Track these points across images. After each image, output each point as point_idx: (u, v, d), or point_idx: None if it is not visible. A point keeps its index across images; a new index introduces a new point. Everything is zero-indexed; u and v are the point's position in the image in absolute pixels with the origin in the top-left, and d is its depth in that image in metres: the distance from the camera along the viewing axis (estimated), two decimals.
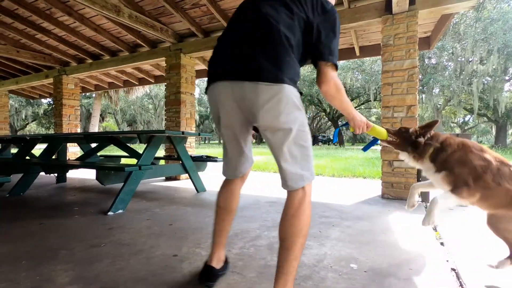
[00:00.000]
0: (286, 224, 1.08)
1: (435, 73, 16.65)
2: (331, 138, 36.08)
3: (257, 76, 1.03)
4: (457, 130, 31.14)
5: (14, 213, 2.60)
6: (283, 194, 3.41)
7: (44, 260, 1.56)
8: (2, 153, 4.47)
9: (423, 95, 17.50)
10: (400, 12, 3.22)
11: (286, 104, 1.04)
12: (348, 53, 5.02)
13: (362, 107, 30.72)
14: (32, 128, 34.15)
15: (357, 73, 22.12)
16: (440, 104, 19.09)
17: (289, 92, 1.05)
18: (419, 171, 3.13)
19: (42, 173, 3.82)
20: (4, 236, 1.96)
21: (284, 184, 1.12)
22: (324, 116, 35.11)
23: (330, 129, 42.23)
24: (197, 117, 31.71)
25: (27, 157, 4.11)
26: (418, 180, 3.13)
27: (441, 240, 1.90)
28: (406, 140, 1.45)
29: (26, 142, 3.91)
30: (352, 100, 26.80)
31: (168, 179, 4.80)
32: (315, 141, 32.76)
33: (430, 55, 16.55)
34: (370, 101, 23.91)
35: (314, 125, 39.02)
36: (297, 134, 1.07)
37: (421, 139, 1.41)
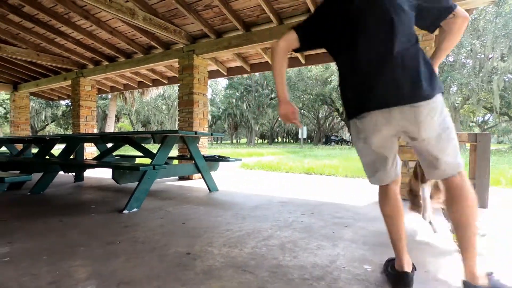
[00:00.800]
0: (459, 208, 1.13)
1: (452, 71, 16.17)
2: (344, 138, 35.66)
3: (416, 98, 1.09)
4: (476, 130, 30.14)
5: (35, 210, 2.70)
6: (295, 194, 3.41)
7: (64, 256, 1.61)
8: (23, 152, 4.66)
9: None
10: None
11: (442, 111, 1.13)
12: None
13: None
14: (51, 128, 35.36)
15: None
16: (457, 103, 18.51)
17: (440, 99, 1.13)
18: None
19: (61, 172, 3.95)
20: (27, 232, 2.04)
21: (443, 175, 1.17)
22: (337, 116, 34.71)
23: (343, 128, 41.71)
24: (209, 117, 32.02)
25: (47, 157, 4.26)
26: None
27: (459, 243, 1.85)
28: None
29: (46, 142, 4.06)
30: None
31: (181, 178, 4.87)
32: (328, 141, 32.46)
33: None
34: None
35: (327, 125, 38.66)
36: (451, 130, 1.15)
37: None
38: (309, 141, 43.06)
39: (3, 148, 5.51)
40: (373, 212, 2.65)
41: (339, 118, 34.17)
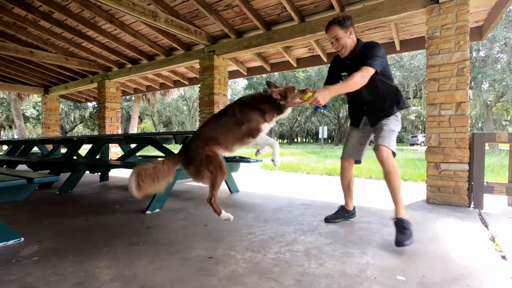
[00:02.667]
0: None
1: (484, 66, 15.25)
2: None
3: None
4: (511, 129, 28.34)
5: (63, 209, 2.79)
6: (317, 196, 3.30)
7: (89, 256, 1.63)
8: (53, 153, 4.86)
9: (471, 91, 16.10)
10: (448, 0, 2.95)
11: None
12: (387, 48, 4.72)
13: None
14: (80, 129, 37.02)
15: (394, 69, 21.00)
16: (490, 101, 17.45)
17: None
18: (470, 175, 2.85)
19: (87, 172, 4.07)
20: (55, 232, 2.09)
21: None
22: None
23: None
24: None
25: (75, 157, 4.42)
26: (470, 184, 2.85)
27: (503, 253, 1.69)
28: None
29: (73, 143, 4.21)
30: None
31: None
32: None
33: (478, 47, 15.17)
34: (409, 98, 22.56)
35: (347, 125, 37.79)
36: None
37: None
38: (329, 141, 42.29)
39: (35, 148, 5.80)
40: None
41: None
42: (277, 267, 1.50)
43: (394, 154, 1.97)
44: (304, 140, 55.22)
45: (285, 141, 54.80)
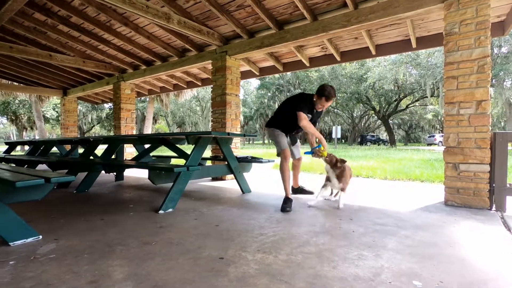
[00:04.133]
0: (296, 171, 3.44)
1: (507, 63, 14.63)
2: (381, 138, 34.02)
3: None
4: None
5: (79, 208, 2.86)
6: (330, 197, 3.22)
7: (103, 255, 1.66)
8: (71, 153, 5.01)
9: (492, 89, 15.50)
10: None
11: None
12: (402, 45, 4.61)
13: (417, 104, 28.35)
14: (97, 130, 38.08)
15: (410, 67, 20.49)
16: None
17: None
18: (491, 176, 2.73)
19: (103, 172, 4.17)
20: (71, 230, 2.15)
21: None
22: (373, 115, 33.22)
23: (379, 128, 39.85)
24: (241, 118, 32.35)
25: (91, 157, 4.54)
26: (491, 186, 2.74)
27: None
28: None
29: (90, 143, 4.32)
30: (405, 97, 24.91)
31: (214, 179, 4.91)
32: (363, 141, 31.17)
33: (500, 43, 14.57)
34: (426, 97, 21.95)
35: (362, 124, 37.17)
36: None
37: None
38: (343, 141, 41.72)
39: (54, 149, 5.99)
40: (419, 219, 2.43)
41: (376, 116, 32.65)
42: (288, 269, 1.48)
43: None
44: (317, 140, 54.57)
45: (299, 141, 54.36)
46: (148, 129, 16.22)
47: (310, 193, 3.46)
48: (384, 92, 24.04)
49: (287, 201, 2.83)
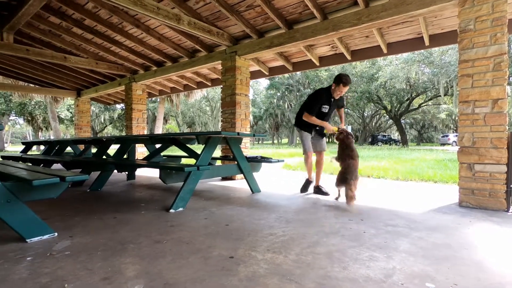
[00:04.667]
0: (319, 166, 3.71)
1: None
2: (392, 138, 33.47)
3: None
4: None
5: (93, 207, 2.93)
6: (341, 197, 3.20)
7: (116, 253, 1.69)
8: (85, 152, 5.12)
9: (509, 87, 15.03)
10: None
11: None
12: (415, 43, 4.52)
13: (430, 103, 27.76)
14: (109, 130, 38.83)
15: (423, 65, 20.08)
16: None
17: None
18: (508, 177, 2.65)
19: (115, 171, 4.25)
20: (85, 228, 2.20)
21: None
22: (385, 114, 32.71)
23: (391, 127, 39.21)
24: (250, 118, 32.39)
25: (104, 157, 4.63)
26: (508, 187, 2.66)
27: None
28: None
29: (102, 143, 4.40)
30: (417, 95, 24.42)
31: (223, 178, 4.94)
32: (374, 140, 30.71)
33: None
34: (440, 96, 21.47)
35: (373, 123, 36.64)
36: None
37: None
38: (354, 141, 41.23)
39: (68, 148, 6.14)
40: (432, 220, 2.38)
41: (387, 116, 32.14)
42: (298, 269, 1.47)
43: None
44: (327, 140, 54.17)
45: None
46: (159, 129, 16.43)
47: (326, 194, 3.48)
48: (395, 91, 23.64)
49: (306, 183, 3.69)
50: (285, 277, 1.39)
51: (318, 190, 3.57)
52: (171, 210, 2.69)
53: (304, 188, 3.66)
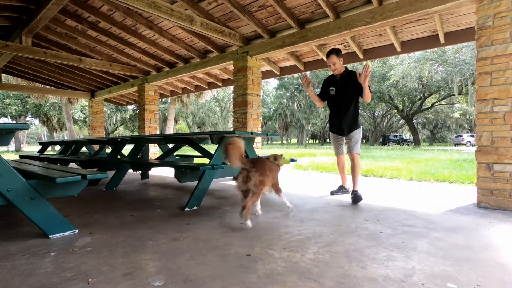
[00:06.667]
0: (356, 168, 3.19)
1: None
2: (404, 138, 32.93)
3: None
4: None
5: (110, 205, 2.99)
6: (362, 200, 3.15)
7: (135, 249, 1.73)
8: (99, 152, 5.23)
9: None
10: None
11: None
12: (429, 41, 4.45)
13: (443, 103, 27.17)
14: (121, 131, 39.49)
15: (436, 64, 19.68)
16: None
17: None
18: None
19: (130, 170, 4.33)
20: (104, 225, 2.25)
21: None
22: (396, 114, 32.20)
23: (402, 127, 38.57)
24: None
25: (118, 156, 4.72)
26: None
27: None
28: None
29: (117, 143, 4.49)
30: (430, 95, 23.94)
31: (235, 178, 4.95)
32: (386, 141, 30.28)
33: None
34: (453, 95, 21.00)
35: (384, 123, 36.12)
36: None
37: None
38: (364, 141, 40.73)
39: (83, 148, 6.28)
40: (450, 221, 2.33)
41: (398, 116, 31.62)
42: (316, 268, 1.47)
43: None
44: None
45: (317, 141, 53.79)
46: (170, 130, 16.63)
47: (359, 198, 3.05)
48: (407, 90, 23.25)
49: (338, 188, 3.54)
50: (303, 275, 1.39)
51: (354, 196, 3.03)
52: (186, 209, 2.73)
53: (336, 191, 3.48)
